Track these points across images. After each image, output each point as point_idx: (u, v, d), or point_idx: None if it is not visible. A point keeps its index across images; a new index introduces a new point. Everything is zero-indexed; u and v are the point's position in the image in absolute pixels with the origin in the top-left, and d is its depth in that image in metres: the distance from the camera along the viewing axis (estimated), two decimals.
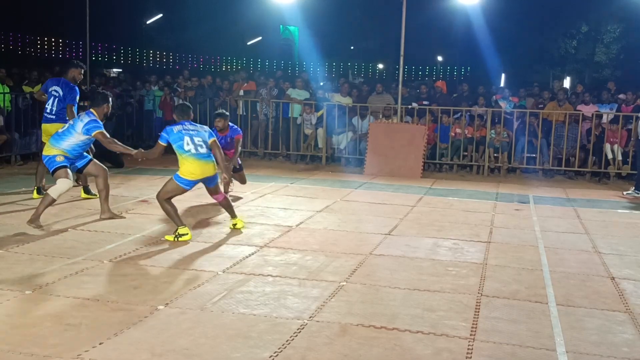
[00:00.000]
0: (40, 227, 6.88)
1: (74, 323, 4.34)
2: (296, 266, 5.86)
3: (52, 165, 7.18)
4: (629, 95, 12.71)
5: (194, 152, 6.67)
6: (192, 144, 6.68)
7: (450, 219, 8.24)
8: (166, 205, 6.70)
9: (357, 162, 13.21)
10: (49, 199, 7.04)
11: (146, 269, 5.64)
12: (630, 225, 8.30)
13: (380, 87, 14.28)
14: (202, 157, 6.72)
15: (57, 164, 7.15)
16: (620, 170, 12.24)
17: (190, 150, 6.66)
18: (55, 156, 7.17)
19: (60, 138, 7.26)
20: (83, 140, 7.30)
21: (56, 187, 7.09)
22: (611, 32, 33.53)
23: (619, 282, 5.69)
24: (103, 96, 7.62)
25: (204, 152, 6.74)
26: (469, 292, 5.24)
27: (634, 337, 4.42)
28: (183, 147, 6.67)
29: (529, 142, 12.68)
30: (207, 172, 6.78)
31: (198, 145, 6.71)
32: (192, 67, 36.93)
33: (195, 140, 6.71)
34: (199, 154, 6.70)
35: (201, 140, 6.76)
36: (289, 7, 18.46)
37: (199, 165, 6.70)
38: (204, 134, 6.84)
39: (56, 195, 7.08)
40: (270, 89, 14.04)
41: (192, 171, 6.70)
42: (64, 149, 7.20)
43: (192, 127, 6.82)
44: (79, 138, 7.25)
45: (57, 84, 8.80)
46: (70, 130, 7.29)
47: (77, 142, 7.26)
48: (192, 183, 6.79)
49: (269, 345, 4.06)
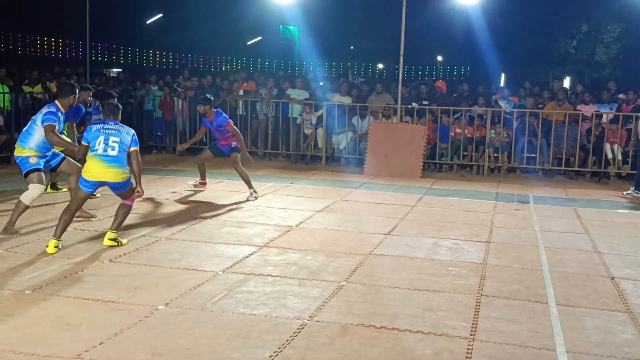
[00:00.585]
0: (16, 233, 6.69)
1: (74, 323, 4.34)
2: (296, 266, 5.86)
3: (25, 167, 6.92)
4: (630, 95, 12.71)
5: (99, 153, 6.18)
6: (102, 144, 6.19)
7: (450, 219, 8.25)
8: (65, 217, 6.20)
9: (357, 162, 13.20)
10: (22, 206, 6.79)
11: (146, 269, 5.64)
12: (630, 225, 8.30)
13: (380, 87, 14.27)
14: (104, 159, 6.18)
15: (30, 166, 6.91)
16: (620, 170, 12.24)
17: (98, 150, 6.19)
18: (28, 157, 6.92)
19: (25, 137, 6.99)
20: None
21: (28, 193, 6.85)
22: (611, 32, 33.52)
23: (619, 282, 5.70)
24: (70, 87, 7.31)
25: (112, 154, 6.19)
26: (469, 292, 5.24)
27: (634, 337, 4.42)
28: (94, 145, 6.22)
29: (529, 142, 12.68)
30: (104, 175, 6.21)
31: (110, 146, 6.20)
32: (192, 67, 36.92)
33: (109, 140, 6.21)
34: (103, 155, 6.18)
35: (117, 141, 6.23)
36: (289, 7, 18.46)
37: (97, 166, 6.19)
38: (125, 137, 6.31)
39: (28, 201, 6.84)
40: (270, 89, 14.04)
41: (89, 170, 6.22)
42: (32, 148, 6.94)
43: (114, 127, 6.33)
44: (41, 132, 6.92)
45: None
46: (32, 125, 7.01)
47: (42, 138, 6.94)
48: (90, 183, 6.25)
49: (269, 345, 4.07)
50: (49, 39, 32.87)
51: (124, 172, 6.28)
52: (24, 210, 6.86)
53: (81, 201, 6.39)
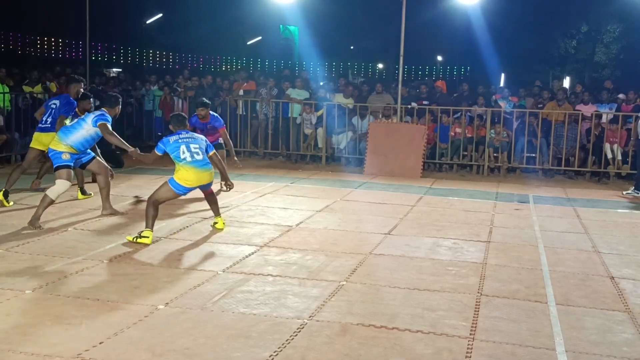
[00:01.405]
0: (39, 228, 6.89)
1: (74, 322, 4.35)
2: (296, 266, 5.87)
3: (56, 161, 7.23)
4: (630, 95, 12.71)
5: (189, 160, 6.65)
6: (187, 152, 6.67)
7: (450, 219, 8.25)
8: (150, 208, 6.56)
9: (357, 162, 13.21)
10: (47, 200, 7.05)
11: (146, 269, 5.65)
12: (629, 224, 8.30)
13: (380, 86, 14.27)
14: (198, 165, 6.69)
15: (62, 162, 7.20)
16: (620, 170, 12.24)
17: (186, 158, 6.65)
18: (61, 153, 7.22)
19: (68, 131, 7.33)
20: (91, 135, 7.37)
21: (54, 189, 7.11)
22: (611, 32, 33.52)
23: (618, 281, 5.70)
24: (116, 99, 7.77)
25: (199, 159, 6.72)
26: (468, 292, 5.25)
27: (633, 337, 4.43)
28: (179, 156, 6.67)
29: (529, 142, 12.69)
30: (202, 180, 6.77)
31: (194, 152, 6.70)
32: (192, 66, 36.91)
33: (191, 148, 6.71)
34: (195, 161, 6.68)
35: (197, 147, 6.76)
36: (289, 6, 18.45)
37: (194, 173, 6.67)
38: (201, 142, 6.88)
39: (54, 196, 7.11)
40: (270, 89, 14.04)
41: (187, 178, 6.66)
42: (71, 144, 7.25)
43: (187, 136, 6.85)
44: (88, 131, 7.32)
45: (58, 98, 8.92)
46: (80, 122, 7.39)
47: (85, 136, 7.32)
48: (186, 190, 6.77)
49: (269, 344, 4.07)
50: (49, 39, 32.87)
51: (212, 172, 6.96)
52: (49, 205, 7.10)
53: (167, 199, 6.82)
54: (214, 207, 7.18)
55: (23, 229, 6.87)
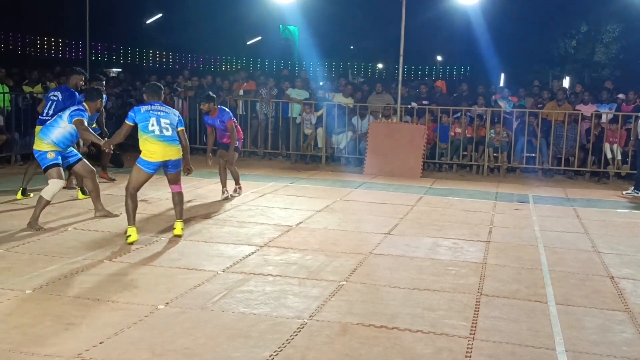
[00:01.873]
0: (40, 229, 6.89)
1: (75, 322, 4.35)
2: (296, 266, 5.87)
3: (43, 162, 7.19)
4: (630, 95, 12.71)
5: (157, 134, 6.48)
6: (157, 125, 6.49)
7: (450, 219, 8.25)
8: (127, 199, 6.49)
9: (356, 162, 13.21)
10: (43, 202, 7.01)
11: (146, 269, 5.65)
12: (629, 224, 8.31)
13: (380, 86, 14.28)
14: (165, 139, 6.51)
15: (49, 162, 7.15)
16: (620, 170, 12.25)
17: (154, 131, 6.47)
18: (46, 152, 7.17)
19: (48, 130, 7.28)
20: (69, 131, 7.28)
21: (48, 189, 7.06)
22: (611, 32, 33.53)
23: (618, 281, 5.70)
24: (97, 92, 7.71)
25: (168, 134, 6.53)
26: (468, 292, 5.25)
27: (633, 337, 4.43)
28: (147, 127, 6.47)
29: (529, 142, 12.69)
30: (168, 154, 6.55)
31: (164, 127, 6.51)
32: (192, 66, 36.92)
33: (161, 122, 6.52)
34: (162, 135, 6.50)
35: (168, 122, 6.56)
36: (288, 6, 18.46)
37: (160, 146, 6.49)
38: (173, 117, 6.66)
39: (49, 196, 7.05)
40: (270, 89, 14.04)
41: (153, 151, 6.49)
42: (52, 141, 7.19)
43: (161, 109, 6.66)
44: (66, 127, 7.24)
45: (59, 89, 8.87)
46: (57, 120, 7.32)
47: (63, 133, 7.25)
48: (154, 165, 6.55)
49: (269, 344, 4.07)
50: (49, 39, 32.88)
51: (180, 149, 6.67)
52: (45, 206, 7.08)
53: (142, 183, 6.63)
54: (177, 209, 6.88)
55: (22, 229, 6.87)
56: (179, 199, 6.88)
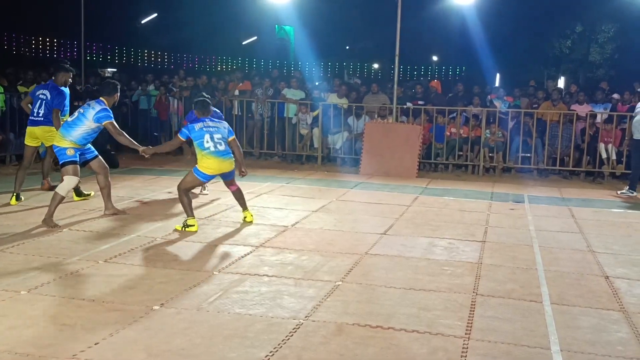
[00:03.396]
0: (56, 227, 6.95)
1: (70, 323, 4.34)
2: (292, 266, 5.87)
3: (62, 157, 7.25)
4: (626, 95, 12.74)
5: (212, 150, 7.02)
6: (211, 142, 7.02)
7: (446, 219, 8.26)
8: (183, 196, 7.09)
9: (352, 162, 13.22)
10: (58, 198, 7.10)
11: (142, 269, 5.64)
12: (624, 224, 8.33)
13: (376, 87, 14.29)
14: (220, 155, 7.06)
15: (67, 158, 7.21)
16: (615, 170, 12.29)
17: (210, 147, 7.01)
18: (66, 149, 7.22)
19: (70, 127, 7.29)
20: (93, 129, 7.35)
21: (63, 185, 7.16)
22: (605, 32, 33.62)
23: (613, 281, 5.72)
24: (114, 85, 7.70)
25: (222, 149, 7.08)
26: (464, 291, 5.26)
27: (628, 336, 4.44)
28: (203, 144, 7.02)
29: (524, 142, 12.73)
30: (224, 168, 7.18)
31: (217, 143, 7.05)
32: (188, 66, 36.86)
33: (214, 138, 7.05)
34: (217, 151, 7.04)
35: (220, 137, 7.10)
36: (284, 6, 18.46)
37: (216, 162, 7.06)
38: (224, 131, 7.19)
39: (64, 192, 7.17)
40: (266, 89, 14.04)
41: (210, 167, 7.08)
42: (74, 140, 7.24)
43: (213, 124, 7.16)
44: (90, 126, 7.30)
45: (46, 87, 8.75)
46: (80, 118, 7.32)
47: (86, 131, 7.31)
48: (209, 177, 7.24)
49: (265, 345, 4.07)
50: (44, 38, 32.78)
51: (233, 161, 7.28)
52: (60, 202, 7.17)
53: (193, 187, 7.41)
54: (241, 202, 7.62)
55: (19, 229, 6.85)
56: (239, 194, 7.59)
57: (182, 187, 7.14)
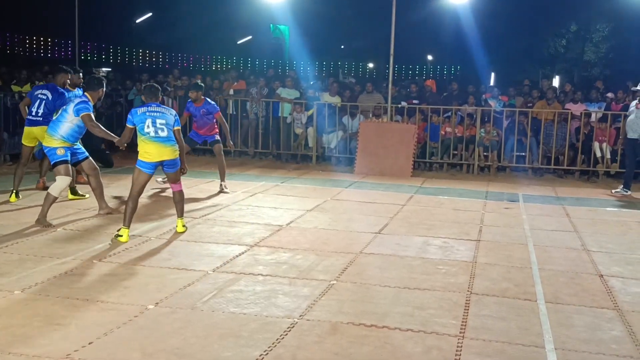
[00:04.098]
0: (49, 226, 6.95)
1: (64, 323, 4.33)
2: (287, 265, 5.87)
3: (53, 157, 7.24)
4: (619, 94, 12.77)
5: (152, 135, 6.62)
6: (152, 127, 6.61)
7: (440, 218, 8.27)
8: (129, 202, 6.61)
9: (347, 161, 13.22)
10: (51, 198, 7.10)
11: (136, 269, 5.63)
12: (618, 223, 8.35)
13: (371, 86, 14.29)
14: (159, 140, 6.64)
15: (58, 158, 7.20)
16: (609, 169, 12.32)
17: (150, 132, 6.61)
18: (56, 148, 7.21)
19: (55, 125, 7.29)
20: (76, 124, 7.31)
21: (56, 185, 7.15)
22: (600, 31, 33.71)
23: (607, 279, 5.73)
24: (98, 80, 7.69)
25: (163, 135, 6.66)
26: (458, 290, 5.26)
27: (622, 334, 4.45)
28: (143, 128, 6.62)
29: (519, 141, 12.74)
30: (164, 154, 6.68)
31: (159, 128, 6.64)
32: (182, 66, 36.79)
33: (157, 123, 6.64)
34: (157, 137, 6.63)
35: (164, 123, 6.68)
36: (279, 6, 18.45)
37: (155, 147, 6.62)
38: (169, 117, 6.75)
39: (57, 193, 7.15)
40: (261, 88, 14.03)
41: (149, 151, 6.63)
42: (62, 137, 7.22)
43: (157, 109, 6.75)
44: (72, 121, 7.27)
45: (45, 88, 8.72)
46: (63, 114, 7.32)
47: (71, 127, 7.28)
48: (151, 165, 6.67)
49: (259, 344, 4.07)
50: (38, 38, 32.68)
51: (176, 149, 6.80)
52: (53, 202, 7.16)
53: (143, 185, 6.74)
54: (178, 207, 7.05)
55: (13, 228, 6.83)
56: (179, 197, 7.02)
57: (132, 190, 6.66)
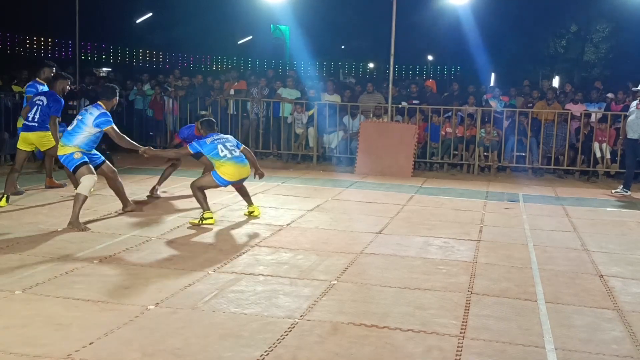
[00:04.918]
0: (85, 229, 6.91)
1: (65, 323, 4.33)
2: (287, 265, 5.87)
3: (71, 164, 7.18)
4: (619, 95, 12.78)
5: (229, 157, 7.38)
6: (226, 150, 7.39)
7: (441, 218, 8.28)
8: (197, 192, 7.37)
9: (348, 161, 13.23)
10: (81, 198, 7.05)
11: (136, 269, 5.63)
12: (618, 223, 8.36)
13: (371, 86, 14.30)
14: (238, 161, 7.45)
15: (77, 162, 7.15)
16: (609, 169, 12.32)
17: (227, 155, 7.37)
18: (72, 154, 7.16)
19: (71, 135, 7.22)
20: (94, 134, 7.29)
21: (83, 185, 7.10)
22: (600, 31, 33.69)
23: (607, 279, 5.74)
24: (113, 90, 7.65)
25: (237, 155, 7.47)
26: (459, 290, 5.27)
27: (622, 335, 4.46)
28: (219, 154, 7.37)
29: (519, 141, 12.75)
30: (242, 174, 7.54)
31: (231, 149, 7.44)
32: (183, 66, 36.79)
33: (227, 147, 7.44)
34: (234, 157, 7.43)
35: (232, 145, 7.52)
36: (280, 6, 18.44)
37: (236, 168, 7.41)
38: (232, 140, 7.64)
39: (86, 192, 7.10)
40: (261, 88, 14.04)
41: (231, 173, 7.40)
42: (77, 145, 7.19)
43: (222, 136, 7.62)
44: (90, 132, 7.23)
45: (44, 94, 8.72)
46: (80, 125, 7.25)
47: (88, 137, 7.25)
48: (228, 183, 7.53)
49: (260, 344, 4.07)
50: (39, 38, 32.68)
51: (249, 166, 7.66)
52: (84, 202, 7.12)
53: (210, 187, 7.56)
54: (247, 198, 7.93)
55: (14, 229, 6.83)
56: (244, 190, 7.94)
57: (196, 184, 7.41)
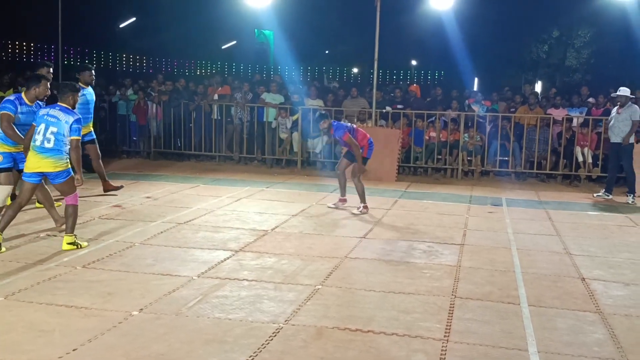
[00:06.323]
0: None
1: (48, 329, 4.30)
2: (272, 270, 5.87)
3: None
4: (600, 99, 12.92)
5: (36, 144, 6.21)
6: (41, 135, 6.18)
7: (425, 222, 8.32)
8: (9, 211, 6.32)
9: (332, 166, 13.22)
10: None
11: (120, 275, 5.61)
12: (600, 226, 8.45)
13: (355, 91, 14.33)
14: (40, 151, 6.19)
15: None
16: (591, 173, 12.45)
17: (35, 141, 6.21)
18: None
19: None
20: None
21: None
22: (582, 36, 34.03)
23: (589, 282, 5.80)
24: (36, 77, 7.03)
25: (48, 146, 6.18)
26: (443, 294, 5.30)
27: (604, 337, 4.50)
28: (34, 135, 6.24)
29: (502, 146, 12.84)
30: (41, 166, 6.23)
31: (46, 138, 6.17)
32: (166, 71, 36.68)
33: (48, 131, 6.19)
34: (40, 147, 6.19)
35: (55, 131, 6.20)
36: (264, 10, 18.44)
37: (34, 157, 6.22)
38: (63, 127, 6.25)
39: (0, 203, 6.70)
40: (245, 93, 14.02)
41: (27, 161, 6.29)
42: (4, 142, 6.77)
43: (56, 114, 6.26)
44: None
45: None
46: None
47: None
48: (28, 176, 6.29)
49: (244, 349, 4.07)
50: (20, 42, 32.43)
51: (55, 163, 6.25)
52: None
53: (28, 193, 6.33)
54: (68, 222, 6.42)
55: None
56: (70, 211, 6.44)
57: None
